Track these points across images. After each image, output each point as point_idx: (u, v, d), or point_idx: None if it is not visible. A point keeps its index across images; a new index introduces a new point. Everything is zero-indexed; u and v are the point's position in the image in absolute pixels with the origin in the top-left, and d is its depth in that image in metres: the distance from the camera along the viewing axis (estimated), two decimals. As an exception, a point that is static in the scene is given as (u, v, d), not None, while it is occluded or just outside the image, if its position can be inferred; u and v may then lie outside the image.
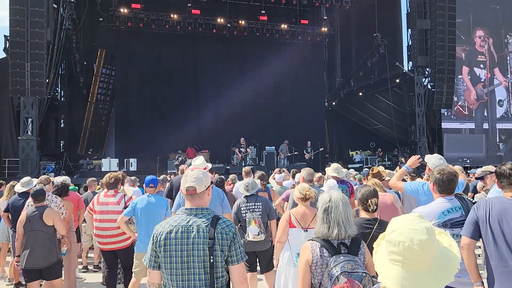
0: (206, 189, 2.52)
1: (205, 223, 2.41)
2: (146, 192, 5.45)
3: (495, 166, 5.89)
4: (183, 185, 2.50)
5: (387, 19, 22.02)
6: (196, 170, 2.58)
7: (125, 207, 5.44)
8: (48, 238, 5.06)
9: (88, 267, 7.69)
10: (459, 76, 20.91)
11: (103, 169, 16.50)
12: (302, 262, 2.55)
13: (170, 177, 9.50)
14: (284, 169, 10.27)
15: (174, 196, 5.56)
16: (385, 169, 6.69)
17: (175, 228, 2.41)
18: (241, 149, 18.06)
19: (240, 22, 21.60)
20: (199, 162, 5.15)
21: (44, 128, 19.40)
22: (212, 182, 2.71)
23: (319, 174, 7.62)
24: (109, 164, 16.82)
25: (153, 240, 2.45)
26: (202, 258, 2.36)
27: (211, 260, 2.34)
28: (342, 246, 2.51)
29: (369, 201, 3.06)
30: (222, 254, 2.37)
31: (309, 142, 19.29)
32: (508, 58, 22.67)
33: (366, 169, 11.80)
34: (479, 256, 6.99)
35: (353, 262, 2.41)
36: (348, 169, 12.55)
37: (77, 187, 9.65)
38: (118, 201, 5.56)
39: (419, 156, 4.68)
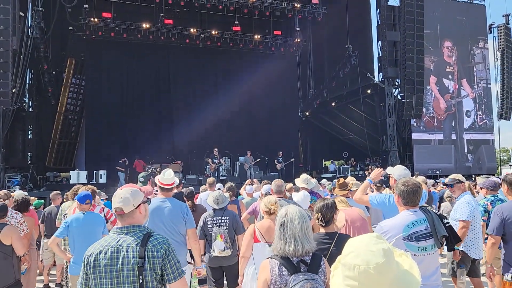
0: (136, 208, 2.43)
1: (136, 241, 2.32)
2: (79, 209, 5.04)
3: (464, 176, 6.05)
4: (112, 205, 2.45)
5: (358, 30, 22.42)
6: (124, 189, 2.48)
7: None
8: (4, 258, 4.71)
9: (50, 285, 7.36)
10: (428, 87, 21.37)
11: (71, 182, 16.05)
12: (261, 281, 2.45)
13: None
14: (255, 179, 10.16)
15: None
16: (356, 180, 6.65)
17: (105, 249, 2.33)
18: (214, 159, 17.80)
19: (213, 32, 21.56)
20: (168, 176, 4.86)
21: (11, 140, 18.79)
22: (148, 199, 2.63)
23: (290, 184, 7.51)
24: (77, 176, 16.34)
25: (83, 262, 2.37)
26: (131, 278, 2.27)
27: (140, 281, 2.25)
28: (302, 263, 2.40)
29: (316, 215, 2.98)
30: (153, 273, 2.28)
31: (280, 152, 19.23)
32: (475, 69, 23.36)
33: (339, 180, 11.80)
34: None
35: (313, 281, 2.32)
36: (321, 179, 12.53)
37: (43, 201, 9.27)
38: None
39: (382, 169, 4.66)
